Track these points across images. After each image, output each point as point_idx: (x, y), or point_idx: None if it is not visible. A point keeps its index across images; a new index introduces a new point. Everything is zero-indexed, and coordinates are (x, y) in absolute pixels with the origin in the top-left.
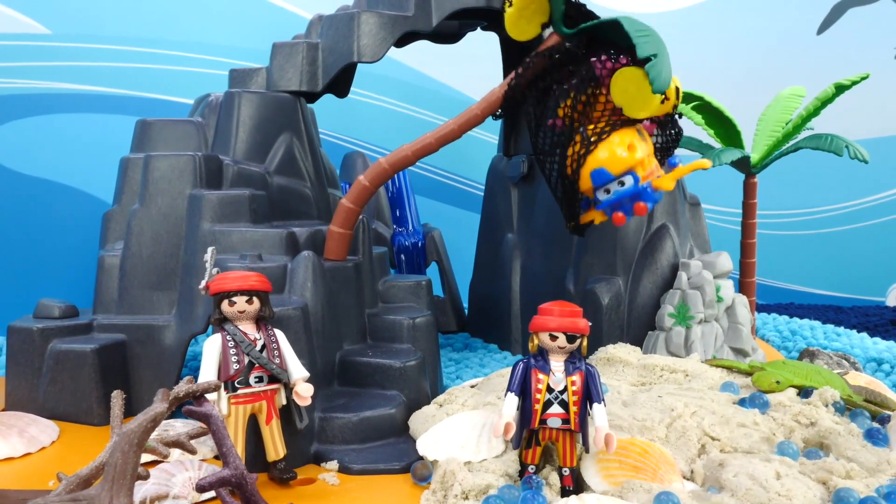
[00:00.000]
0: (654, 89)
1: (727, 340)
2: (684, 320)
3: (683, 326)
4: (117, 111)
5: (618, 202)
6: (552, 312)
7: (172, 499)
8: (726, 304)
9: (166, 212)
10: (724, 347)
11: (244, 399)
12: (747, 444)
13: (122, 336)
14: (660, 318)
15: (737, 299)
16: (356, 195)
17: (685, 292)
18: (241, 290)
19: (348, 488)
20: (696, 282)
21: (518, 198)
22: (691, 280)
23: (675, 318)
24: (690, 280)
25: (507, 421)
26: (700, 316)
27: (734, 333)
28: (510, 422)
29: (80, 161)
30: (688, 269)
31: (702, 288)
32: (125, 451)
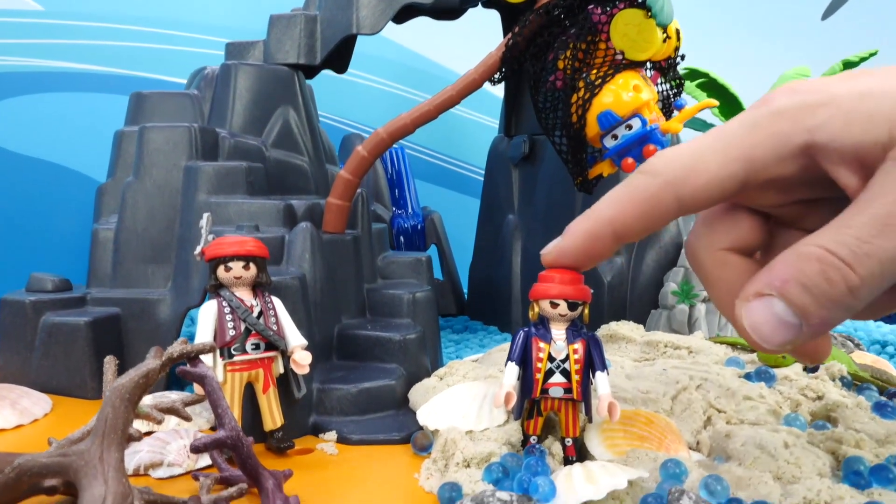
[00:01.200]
0: (658, 22)
1: None
2: (688, 298)
3: (687, 304)
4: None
5: (626, 148)
6: (552, 279)
7: (167, 466)
8: None
9: (161, 184)
10: (727, 326)
11: (240, 366)
12: (754, 416)
13: (116, 310)
14: (663, 297)
15: None
16: (355, 166)
17: (689, 270)
18: (237, 255)
19: (347, 458)
20: None
21: (519, 178)
22: None
23: (678, 296)
24: None
25: (508, 391)
26: (704, 294)
27: None
28: (511, 391)
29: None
30: None
31: None
32: (116, 405)
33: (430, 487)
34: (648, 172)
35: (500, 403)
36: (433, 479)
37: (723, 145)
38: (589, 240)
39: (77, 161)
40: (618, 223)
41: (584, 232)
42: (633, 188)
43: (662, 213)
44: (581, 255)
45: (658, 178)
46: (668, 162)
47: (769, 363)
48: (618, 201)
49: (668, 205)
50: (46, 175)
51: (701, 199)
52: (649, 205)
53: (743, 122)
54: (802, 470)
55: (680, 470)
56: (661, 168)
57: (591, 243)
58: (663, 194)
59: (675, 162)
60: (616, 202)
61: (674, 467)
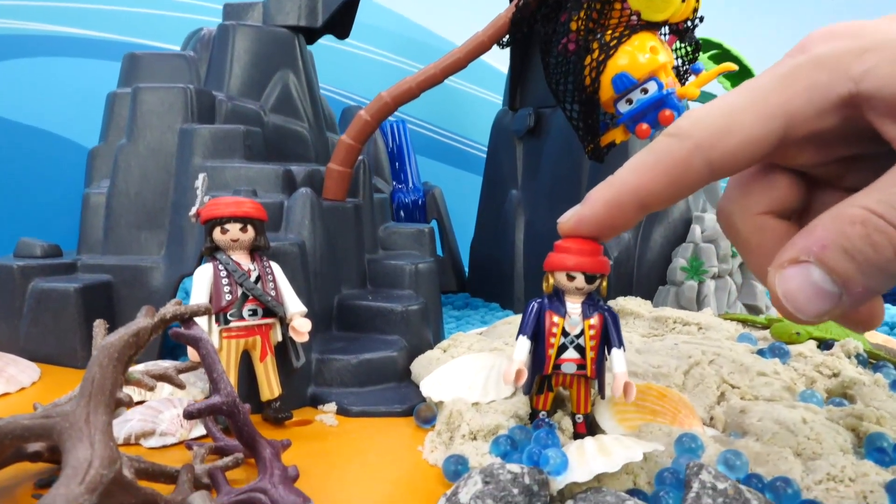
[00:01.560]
0: None
1: (741, 297)
2: (697, 274)
3: (696, 281)
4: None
5: (641, 112)
6: (569, 250)
7: (159, 436)
8: (740, 259)
9: (155, 147)
10: (737, 304)
11: (237, 333)
12: (769, 392)
13: (107, 277)
14: (671, 273)
15: None
16: (357, 131)
17: (698, 246)
18: (234, 216)
19: (347, 430)
20: (710, 235)
21: (523, 152)
22: (705, 234)
23: (687, 272)
24: (704, 234)
25: (519, 367)
26: (713, 270)
27: (748, 290)
28: (521, 368)
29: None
30: (702, 223)
31: (716, 242)
32: (104, 365)
33: (434, 460)
34: (676, 135)
35: (509, 380)
36: (438, 452)
37: (756, 101)
38: (611, 209)
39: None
40: (643, 191)
41: (605, 200)
42: (660, 153)
43: (692, 178)
44: (602, 224)
45: (687, 140)
46: (697, 123)
47: (783, 339)
48: (643, 167)
49: (698, 170)
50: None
51: (734, 162)
52: (677, 170)
53: (777, 73)
54: (823, 446)
55: (696, 444)
56: (689, 130)
57: (613, 212)
58: (693, 158)
59: (704, 122)
60: (641, 168)
61: (689, 441)
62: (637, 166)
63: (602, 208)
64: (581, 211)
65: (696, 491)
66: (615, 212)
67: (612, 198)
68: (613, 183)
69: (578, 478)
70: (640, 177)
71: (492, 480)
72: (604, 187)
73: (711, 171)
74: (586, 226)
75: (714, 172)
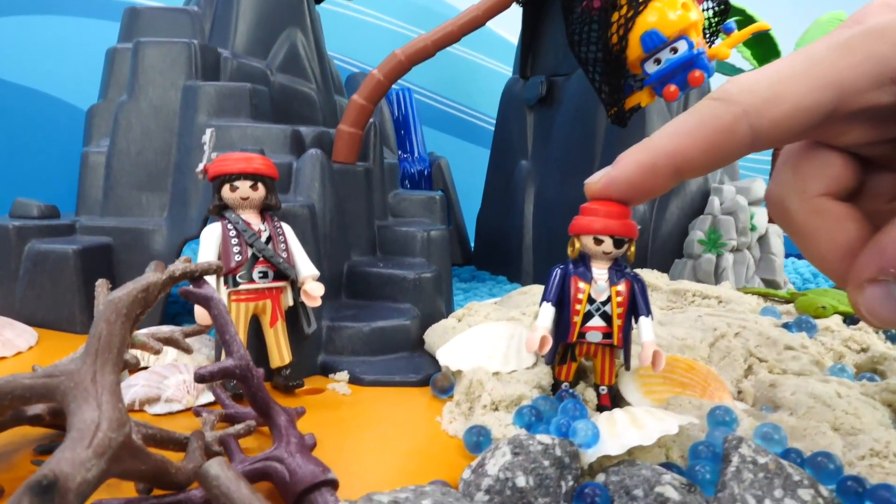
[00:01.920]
0: None
1: (759, 271)
2: (715, 247)
3: (714, 254)
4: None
5: (669, 73)
6: (597, 212)
7: (164, 402)
8: (759, 232)
9: (157, 104)
10: (755, 278)
11: (246, 296)
12: (797, 366)
13: (107, 239)
14: (688, 245)
15: (771, 229)
16: (369, 91)
17: (717, 218)
18: (244, 173)
19: (361, 398)
20: (729, 207)
21: (534, 122)
22: (724, 205)
23: (705, 244)
24: (723, 205)
25: (543, 334)
26: (732, 243)
27: (766, 264)
28: (546, 335)
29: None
30: (720, 194)
31: (735, 214)
32: (111, 320)
33: (454, 431)
34: (721, 99)
35: (533, 348)
36: (457, 423)
37: (809, 69)
38: (644, 173)
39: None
40: (679, 156)
41: (639, 163)
42: (702, 117)
43: (734, 146)
44: (633, 188)
45: (732, 105)
46: (745, 88)
47: (808, 313)
48: (682, 131)
49: (741, 137)
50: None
51: (780, 132)
52: (719, 137)
53: (833, 43)
54: (863, 421)
55: (730, 417)
56: (737, 95)
57: (646, 177)
58: (737, 125)
59: (753, 88)
60: (680, 132)
61: (723, 414)
62: (676, 130)
63: (634, 171)
64: (611, 173)
65: (735, 465)
66: (647, 176)
67: (646, 161)
68: (648, 145)
69: (610, 450)
70: (679, 141)
71: (521, 451)
72: (638, 149)
73: (755, 140)
74: (616, 188)
75: (757, 141)
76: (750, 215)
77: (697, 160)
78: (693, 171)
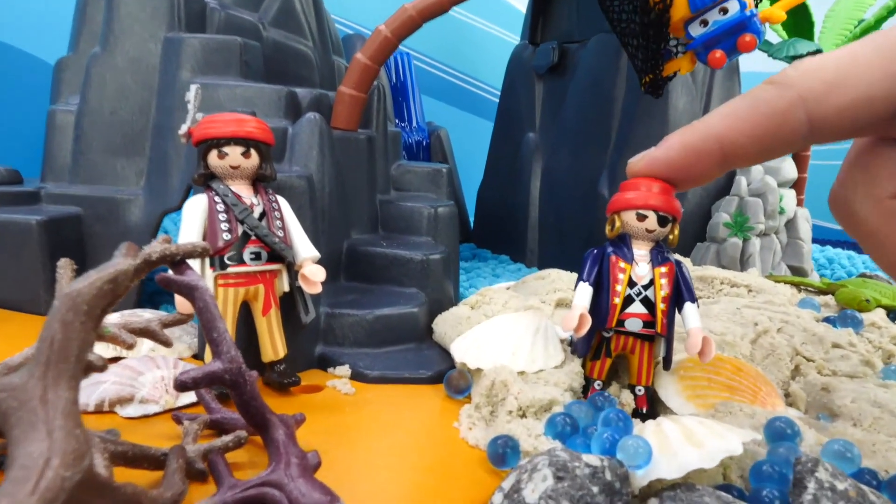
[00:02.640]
0: None
1: (785, 257)
2: (741, 231)
3: (741, 238)
4: None
5: (716, 37)
6: (639, 187)
7: (139, 403)
8: (788, 216)
9: (135, 57)
10: (781, 265)
11: (235, 280)
12: (847, 367)
13: (76, 209)
14: (712, 228)
15: (799, 213)
16: (375, 49)
17: (744, 200)
18: (235, 137)
19: (366, 399)
20: (757, 188)
21: (544, 92)
22: (751, 187)
23: (731, 228)
24: (751, 186)
25: (582, 312)
26: (760, 227)
27: (794, 250)
28: (585, 313)
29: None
30: (748, 175)
31: (764, 196)
32: (68, 321)
33: (474, 440)
34: (780, 83)
35: (571, 326)
36: (477, 430)
37: (883, 55)
38: (688, 155)
39: (29, 40)
40: (728, 141)
41: (685, 146)
42: (756, 100)
43: (786, 136)
44: (677, 170)
45: (789, 90)
46: (807, 73)
47: (851, 306)
48: (733, 114)
49: (796, 126)
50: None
51: (840, 124)
52: (773, 123)
53: None
54: None
55: (793, 430)
56: (795, 79)
57: (689, 159)
58: (793, 112)
59: (814, 72)
60: (731, 115)
61: (785, 427)
62: (727, 112)
63: (679, 153)
64: (654, 153)
65: (812, 492)
66: (692, 159)
67: (693, 143)
68: (697, 127)
69: (666, 473)
70: (729, 124)
71: (566, 476)
72: (685, 130)
73: (810, 131)
74: (658, 168)
75: (813, 132)
76: (779, 197)
77: (746, 147)
78: (742, 160)
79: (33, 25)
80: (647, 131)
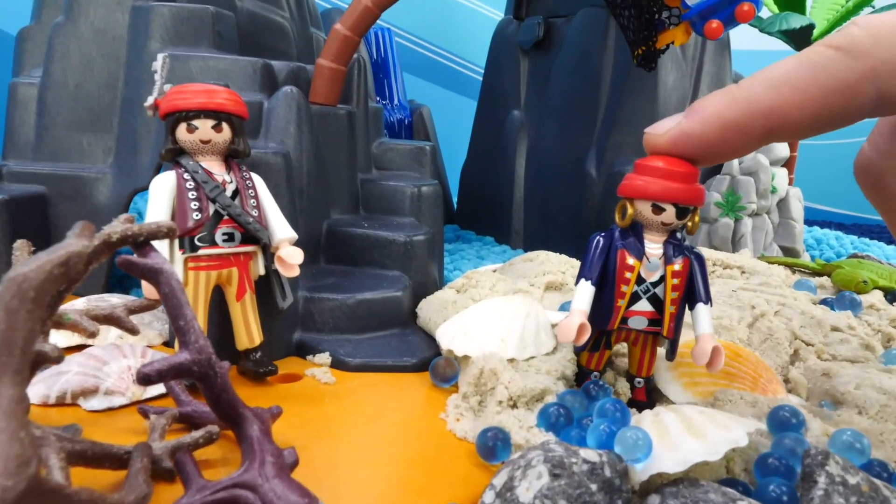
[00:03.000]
0: None
1: (777, 238)
2: (733, 211)
3: (732, 218)
4: None
5: (713, 7)
6: (656, 171)
7: (104, 395)
8: (780, 196)
9: (101, 28)
10: (772, 245)
11: (207, 263)
12: (847, 351)
13: (40, 188)
14: (703, 208)
15: (791, 192)
16: (355, 19)
17: (736, 178)
18: (204, 108)
19: (347, 388)
20: (748, 167)
21: (529, 68)
22: (743, 165)
23: (722, 207)
24: (742, 165)
25: (581, 321)
26: (752, 207)
27: (785, 230)
28: (585, 322)
29: None
30: None
31: (756, 174)
32: (12, 309)
33: (462, 432)
34: (848, 50)
35: (569, 338)
36: (465, 421)
37: None
38: (728, 130)
39: None
40: (778, 115)
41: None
42: (816, 69)
43: (851, 110)
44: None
45: (861, 61)
46: (881, 40)
47: (848, 288)
48: (787, 84)
49: (863, 102)
50: None
51: None
52: (839, 98)
53: None
54: None
55: (798, 420)
56: (868, 47)
57: (729, 135)
58: (863, 86)
59: (891, 40)
60: (785, 86)
61: (790, 416)
62: (777, 81)
63: (716, 127)
64: (685, 126)
65: (823, 487)
66: (732, 135)
67: (734, 117)
68: (738, 97)
69: (668, 467)
70: (781, 96)
71: (563, 472)
72: (724, 100)
73: (877, 107)
74: (689, 146)
75: (880, 108)
76: (771, 176)
77: (800, 122)
78: (790, 134)
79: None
80: (635, 108)
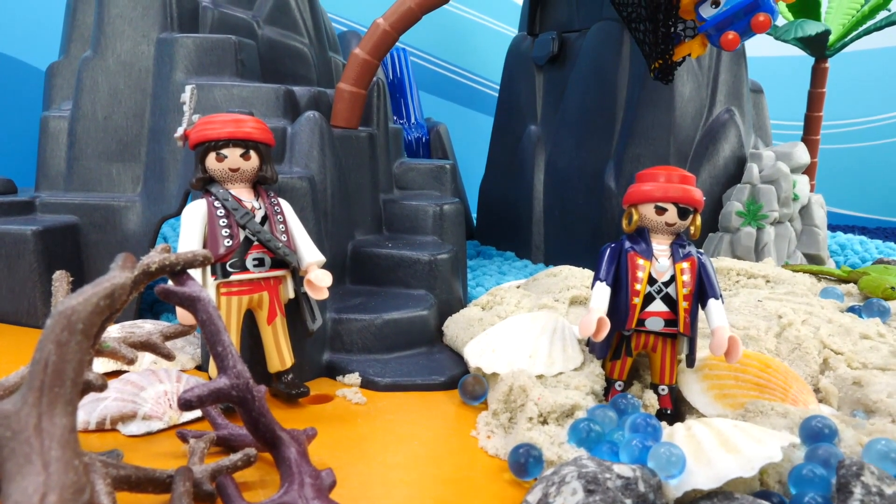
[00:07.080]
0: None
1: (800, 246)
2: (755, 220)
3: (754, 227)
4: None
5: (729, 18)
6: (657, 178)
7: (142, 420)
8: (802, 203)
9: (127, 60)
10: (796, 253)
11: (238, 288)
12: (878, 359)
13: (72, 218)
14: (724, 218)
15: (813, 199)
16: (374, 43)
17: (756, 187)
18: (233, 138)
19: (378, 408)
20: (769, 175)
21: (544, 83)
22: (763, 173)
23: (744, 217)
24: (762, 173)
25: (601, 315)
26: (774, 215)
27: (809, 237)
28: (604, 316)
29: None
30: (759, 161)
31: (777, 182)
32: (63, 341)
33: (494, 449)
34: None
35: (589, 332)
36: (496, 438)
37: None
38: None
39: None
40: None
41: None
42: None
43: None
44: None
45: None
46: None
47: (875, 294)
48: None
49: None
50: None
51: None
52: None
53: None
54: None
55: (830, 430)
56: None
57: None
58: None
59: None
60: None
61: (822, 427)
62: None
63: None
64: None
65: (859, 498)
66: None
67: None
68: None
69: (702, 483)
70: None
71: (597, 488)
72: None
73: None
74: None
75: None
76: (792, 183)
77: None
78: None
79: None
80: (652, 119)
